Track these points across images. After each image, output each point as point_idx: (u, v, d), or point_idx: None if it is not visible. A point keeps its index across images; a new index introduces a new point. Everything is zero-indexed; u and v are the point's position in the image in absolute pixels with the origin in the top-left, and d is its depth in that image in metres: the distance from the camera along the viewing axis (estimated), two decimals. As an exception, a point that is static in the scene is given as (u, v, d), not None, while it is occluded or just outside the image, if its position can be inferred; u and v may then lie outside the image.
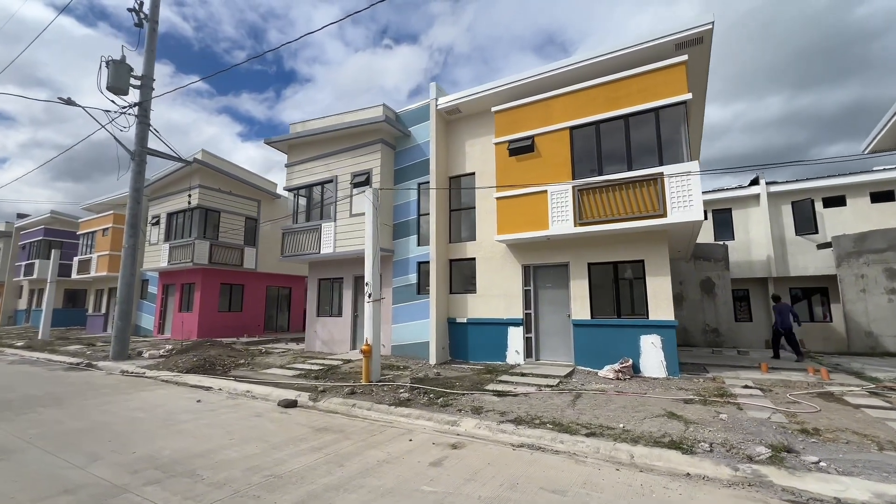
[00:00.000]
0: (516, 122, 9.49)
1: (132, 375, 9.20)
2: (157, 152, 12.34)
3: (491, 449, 4.52)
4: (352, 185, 11.86)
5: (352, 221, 11.66)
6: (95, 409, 6.12)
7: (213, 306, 16.74)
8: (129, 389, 7.63)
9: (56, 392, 7.34)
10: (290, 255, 12.77)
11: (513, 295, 9.74)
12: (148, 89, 12.11)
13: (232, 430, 5.14)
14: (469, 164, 10.88)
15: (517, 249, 9.80)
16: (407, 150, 11.93)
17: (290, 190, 13.28)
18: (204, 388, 7.78)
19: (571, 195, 8.52)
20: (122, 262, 11.46)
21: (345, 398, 6.54)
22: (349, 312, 12.27)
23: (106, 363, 10.48)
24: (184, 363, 9.45)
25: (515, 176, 9.31)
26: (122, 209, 20.18)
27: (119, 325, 11.14)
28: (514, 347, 9.56)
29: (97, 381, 8.56)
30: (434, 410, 5.79)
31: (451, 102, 10.62)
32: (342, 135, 12.18)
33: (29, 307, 26.34)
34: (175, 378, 8.59)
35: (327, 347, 12.47)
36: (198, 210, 16.15)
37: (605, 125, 8.54)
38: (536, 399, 6.36)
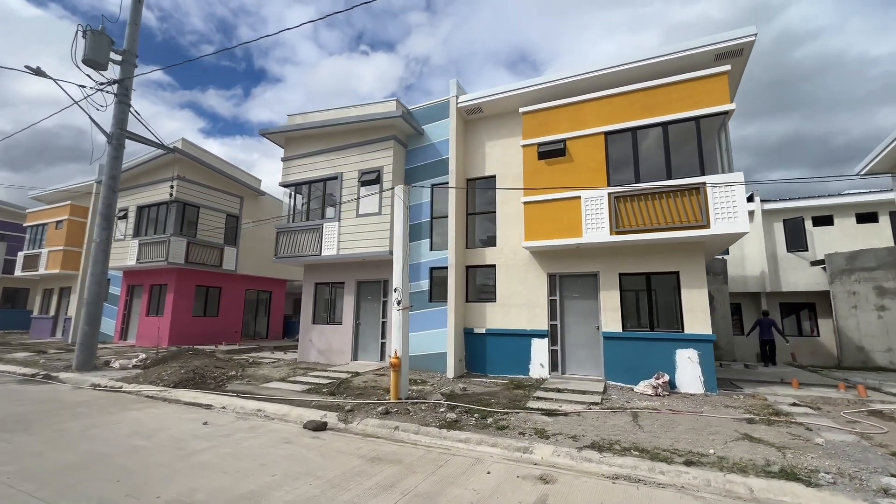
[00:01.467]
0: (546, 124, 9.11)
1: (107, 390, 7.92)
2: (136, 136, 11.01)
3: (588, 483, 3.95)
4: (359, 183, 11.05)
5: (358, 222, 10.84)
6: (80, 436, 5.02)
7: (188, 310, 15.21)
8: (112, 408, 6.46)
9: (19, 412, 6.07)
10: (286, 257, 11.72)
11: (537, 305, 9.26)
12: (130, 66, 10.81)
13: (267, 463, 4.27)
14: (489, 167, 10.38)
15: (542, 257, 9.36)
16: (419, 150, 11.29)
17: (287, 186, 12.26)
18: (203, 407, 6.73)
19: (607, 202, 8.19)
20: (92, 257, 10.03)
21: (381, 419, 5.77)
22: (350, 320, 11.37)
23: (70, 375, 9.03)
24: (169, 376, 8.26)
25: (545, 180, 8.90)
26: (81, 199, 18.23)
27: (86, 330, 9.69)
28: (538, 360, 9.07)
29: (66, 397, 7.26)
30: (490, 434, 5.15)
31: (473, 101, 10.12)
32: (350, 129, 11.37)
33: (-43, 307, 23.19)
34: (163, 394, 7.43)
35: (325, 358, 11.48)
36: (175, 204, 14.68)
37: (643, 132, 8.31)
38: (592, 419, 5.86)
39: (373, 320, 11.24)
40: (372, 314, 11.29)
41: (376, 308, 11.25)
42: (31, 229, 19.28)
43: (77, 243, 17.72)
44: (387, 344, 10.79)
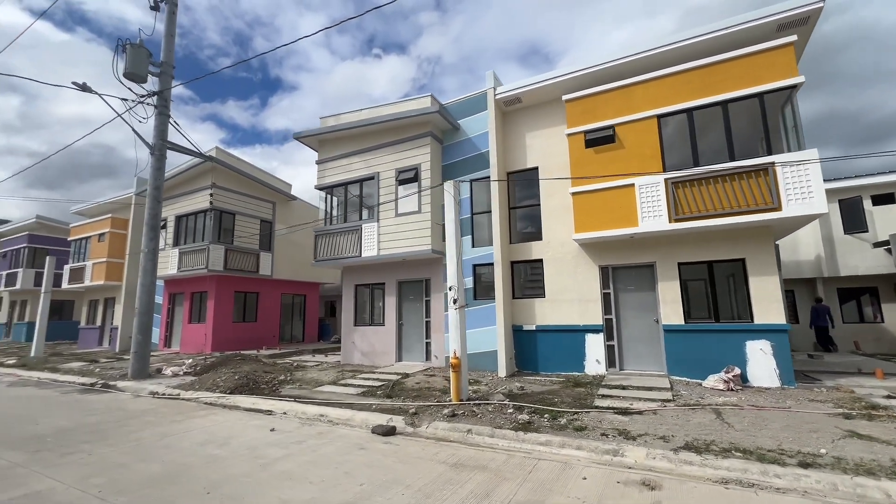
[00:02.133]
0: (592, 110, 8.74)
1: (166, 398, 8.00)
2: (177, 146, 11.16)
3: (698, 489, 3.66)
4: (397, 182, 10.91)
5: (398, 222, 10.70)
6: (156, 445, 5.00)
7: (228, 316, 15.43)
8: (177, 416, 6.48)
9: (90, 422, 6.15)
10: (326, 260, 11.70)
11: (589, 299, 8.93)
12: (168, 77, 10.96)
13: (350, 471, 4.13)
14: (531, 159, 10.07)
15: (593, 249, 9.01)
16: (455, 145, 11.08)
17: (323, 189, 12.23)
18: (264, 413, 6.69)
19: (664, 189, 7.79)
20: (141, 267, 10.20)
21: (449, 422, 5.58)
22: (393, 321, 11.25)
23: (127, 383, 9.20)
24: (224, 382, 8.29)
25: (594, 169, 8.54)
26: (120, 212, 18.74)
27: (139, 339, 9.86)
28: (593, 356, 8.74)
29: (129, 406, 7.35)
30: (570, 435, 4.89)
31: (511, 92, 9.82)
32: (384, 128, 11.24)
33: (9, 320, 24.27)
34: (221, 400, 7.45)
35: (368, 360, 11.41)
36: (212, 212, 14.89)
37: (700, 112, 7.86)
38: (672, 418, 5.53)
39: (416, 320, 11.10)
40: (414, 314, 11.15)
41: (419, 308, 11.10)
42: (75, 243, 19.95)
43: (119, 255, 18.23)
44: (431, 344, 10.65)
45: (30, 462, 4.43)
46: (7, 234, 24.59)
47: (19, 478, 4.00)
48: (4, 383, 10.12)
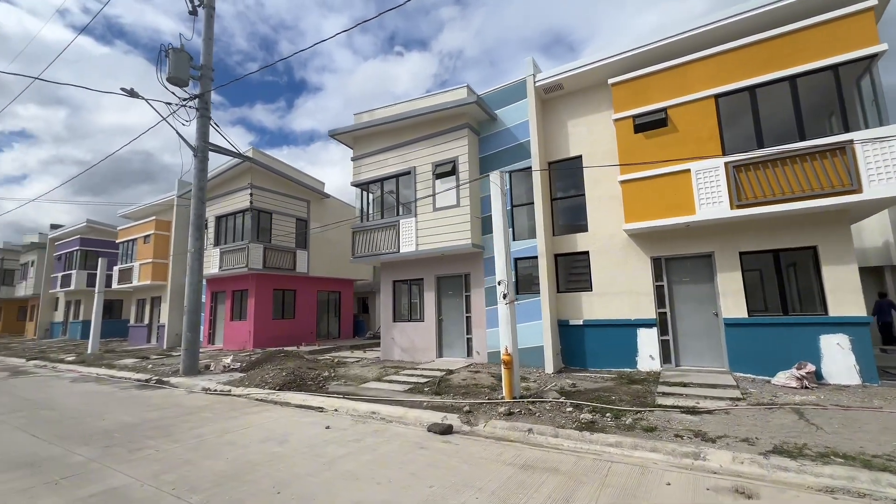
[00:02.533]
0: (641, 93, 8.29)
1: (218, 394, 8.16)
2: (218, 148, 11.37)
3: (801, 498, 3.33)
4: (434, 176, 10.74)
5: (436, 216, 10.54)
6: (218, 442, 5.05)
7: (268, 314, 15.76)
8: (232, 413, 6.57)
9: (151, 418, 6.30)
10: (363, 256, 11.69)
11: (641, 292, 8.52)
12: (207, 80, 11.16)
13: (416, 472, 4.00)
14: (574, 147, 9.69)
15: (644, 240, 8.58)
16: (492, 136, 10.81)
17: (359, 185, 12.22)
18: (315, 409, 6.69)
19: (724, 173, 7.28)
20: (189, 267, 10.47)
21: (507, 420, 5.39)
22: (432, 317, 11.14)
23: (179, 379, 9.47)
24: (272, 379, 8.39)
25: (644, 155, 8.10)
26: (163, 214, 19.43)
27: (189, 336, 10.14)
28: (646, 352, 8.34)
29: (185, 401, 7.53)
30: (640, 436, 4.60)
31: (552, 78, 9.45)
32: (420, 122, 11.08)
33: (66, 319, 25.74)
34: (271, 396, 7.52)
35: (408, 356, 11.36)
36: (250, 212, 15.20)
37: (765, 89, 7.29)
38: (748, 418, 5.14)
39: (456, 316, 10.95)
40: (454, 309, 11.00)
41: (458, 303, 10.94)
42: (122, 245, 20.87)
43: (163, 255, 18.93)
44: (473, 340, 10.47)
45: (102, 457, 4.54)
46: (61, 238, 26.04)
47: (95, 473, 4.08)
48: (68, 379, 10.63)
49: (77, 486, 3.77)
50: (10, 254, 31.64)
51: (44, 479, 3.95)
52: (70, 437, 5.34)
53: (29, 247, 29.09)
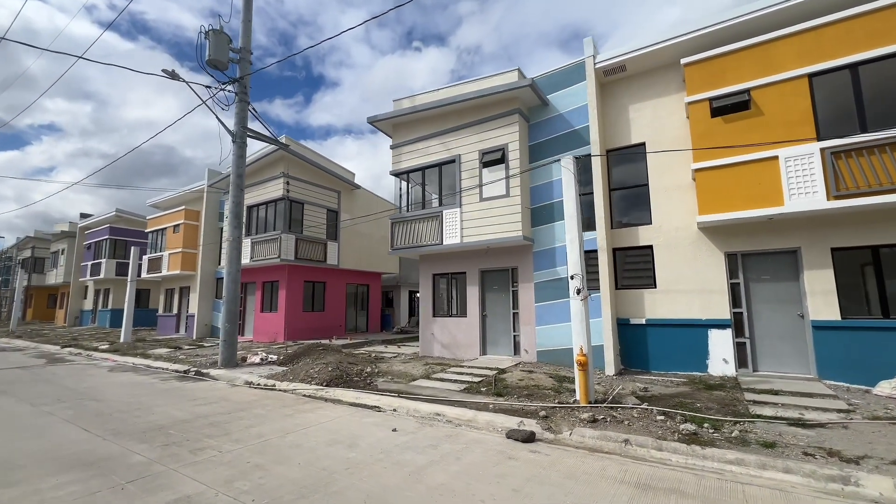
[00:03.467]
0: (720, 74, 7.60)
1: (263, 388, 7.82)
2: (256, 133, 11.03)
3: None
4: (481, 164, 10.21)
5: (483, 207, 10.02)
6: (281, 443, 4.64)
7: (298, 306, 15.49)
8: (285, 410, 6.19)
9: (203, 413, 5.96)
10: (403, 248, 11.25)
11: (712, 290, 7.87)
12: (246, 63, 10.79)
13: (519, 488, 3.52)
14: (636, 133, 9.04)
15: (717, 233, 7.92)
16: (543, 123, 10.21)
17: (398, 174, 11.76)
18: (371, 408, 6.27)
19: (820, 160, 6.59)
20: (227, 256, 10.18)
21: (595, 429, 4.86)
22: (476, 312, 10.65)
23: (218, 371, 9.19)
24: (318, 374, 8.02)
25: (722, 140, 7.43)
26: (193, 204, 19.33)
27: (227, 327, 9.85)
28: (719, 355, 7.71)
29: (231, 395, 7.20)
30: (762, 453, 4.03)
31: (614, 59, 8.81)
32: (466, 107, 10.54)
33: (95, 307, 26.04)
34: (320, 393, 7.13)
35: (449, 352, 10.90)
36: (283, 201, 14.90)
37: (869, 67, 6.55)
38: (877, 434, 4.52)
39: (502, 312, 10.44)
40: (500, 305, 10.49)
41: (504, 298, 10.42)
42: (152, 235, 20.89)
43: (193, 245, 18.84)
44: (520, 337, 9.95)
45: (164, 458, 4.17)
46: (90, 227, 26.30)
47: (162, 477, 3.70)
48: (105, 368, 10.47)
49: (148, 492, 3.38)
50: (41, 242, 32.22)
51: (108, 483, 3.58)
52: (124, 433, 5.00)
53: (59, 235, 29.52)
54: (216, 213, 18.66)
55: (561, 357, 9.20)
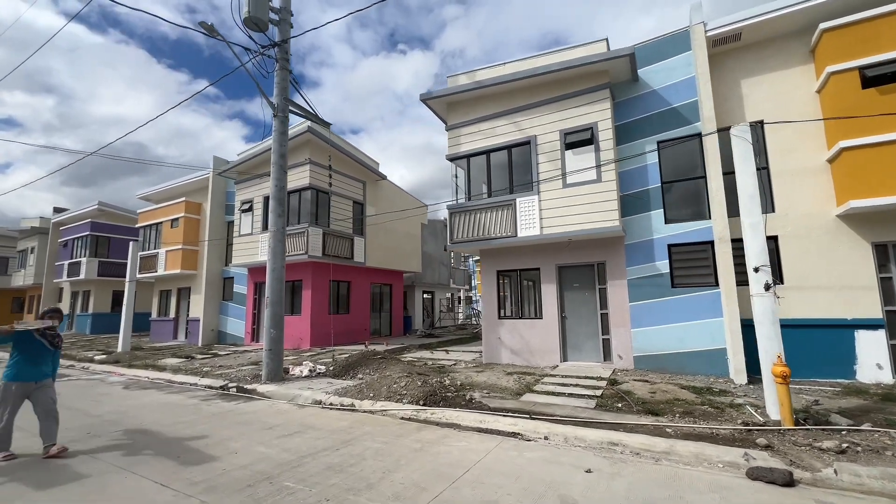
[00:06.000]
0: (872, 40, 6.67)
1: (339, 409, 6.36)
2: (299, 108, 9.50)
3: None
4: (563, 146, 9.03)
5: (566, 194, 8.85)
6: (463, 500, 3.30)
7: (324, 307, 13.92)
8: (402, 441, 4.81)
9: (302, 450, 4.51)
10: (465, 242, 9.94)
11: (857, 286, 6.94)
12: (286, 26, 9.27)
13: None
14: (750, 111, 8.06)
15: (863, 222, 6.99)
16: (632, 101, 9.16)
17: (456, 158, 10.45)
18: (508, 435, 4.96)
19: None
20: (270, 249, 8.62)
21: (859, 463, 3.73)
22: (553, 314, 9.45)
23: (267, 387, 7.64)
24: (406, 389, 6.63)
25: (875, 114, 6.50)
26: (194, 195, 17.42)
27: (273, 334, 8.29)
28: (870, 359, 6.77)
29: (313, 421, 5.73)
30: None
31: (729, 27, 7.81)
32: (543, 82, 9.35)
33: (72, 312, 23.41)
34: (423, 415, 5.75)
35: (521, 359, 9.65)
36: (309, 191, 13.31)
37: None
38: None
39: (585, 313, 9.28)
40: (583, 305, 9.33)
41: (589, 298, 9.27)
42: (144, 230, 18.74)
43: (194, 241, 16.90)
44: (611, 341, 8.81)
45: (324, 537, 2.76)
46: (67, 223, 23.66)
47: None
48: (117, 385, 8.72)
49: None
50: (5, 240, 29.05)
51: None
52: (222, 489, 3.54)
53: (28, 232, 26.58)
54: (223, 204, 16.80)
55: (665, 363, 8.12)
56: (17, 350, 4.41)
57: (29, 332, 4.43)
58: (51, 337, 4.59)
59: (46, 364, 4.55)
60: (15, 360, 4.38)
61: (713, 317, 7.82)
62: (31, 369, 4.41)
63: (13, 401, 4.31)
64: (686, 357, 7.95)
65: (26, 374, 4.38)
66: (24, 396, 4.39)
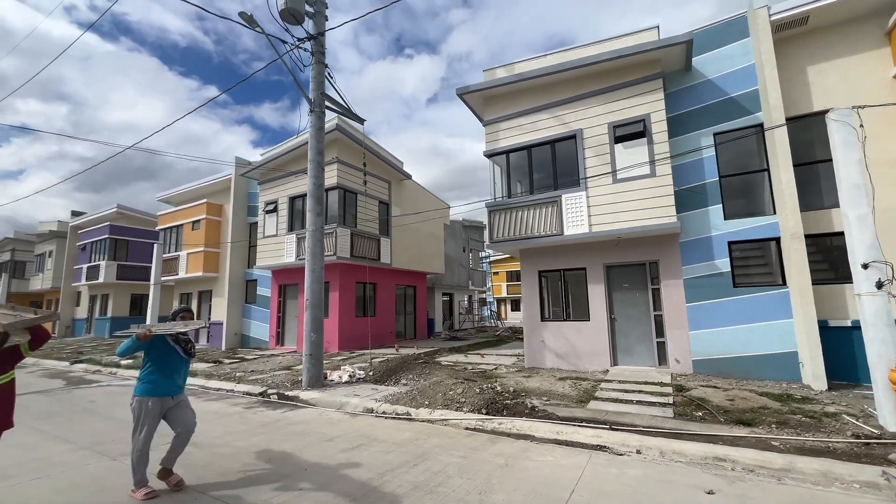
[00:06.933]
0: (962, 18, 6.20)
1: (394, 418, 5.97)
2: (336, 103, 9.18)
3: None
4: (612, 139, 8.61)
5: (616, 189, 8.42)
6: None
7: (351, 310, 13.57)
8: (479, 454, 4.41)
9: (374, 465, 4.13)
10: (505, 241, 9.53)
11: (948, 284, 6.43)
12: (322, 18, 8.98)
13: None
14: (818, 99, 7.60)
15: (952, 215, 6.50)
16: (683, 91, 8.74)
17: (494, 155, 10.06)
18: (592, 448, 4.54)
19: None
20: (309, 249, 8.27)
21: None
22: (602, 315, 9.00)
23: (309, 394, 7.28)
24: (464, 396, 6.24)
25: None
26: (215, 197, 17.19)
27: (313, 338, 7.93)
28: (965, 364, 6.25)
29: (372, 431, 5.34)
30: None
31: (796, 9, 7.36)
32: (588, 73, 8.95)
33: (90, 315, 23.30)
34: (490, 425, 5.35)
35: (566, 363, 9.21)
36: (336, 191, 12.99)
37: None
38: None
39: (637, 314, 8.83)
40: (633, 306, 8.88)
41: (641, 299, 8.82)
42: (164, 232, 18.54)
43: (215, 243, 16.66)
44: (667, 344, 8.35)
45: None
46: (85, 226, 23.59)
47: None
48: (151, 391, 8.39)
49: None
50: (23, 244, 29.11)
51: None
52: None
53: (46, 236, 26.57)
54: (245, 206, 16.55)
55: (727, 368, 7.65)
56: (150, 359, 3.67)
57: (164, 338, 3.72)
58: (184, 343, 3.89)
59: (180, 375, 3.83)
60: (148, 372, 3.64)
61: (780, 318, 7.35)
62: (168, 382, 3.68)
63: (149, 421, 3.54)
64: (751, 361, 7.48)
65: (163, 388, 3.64)
66: (161, 415, 3.66)
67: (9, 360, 3.08)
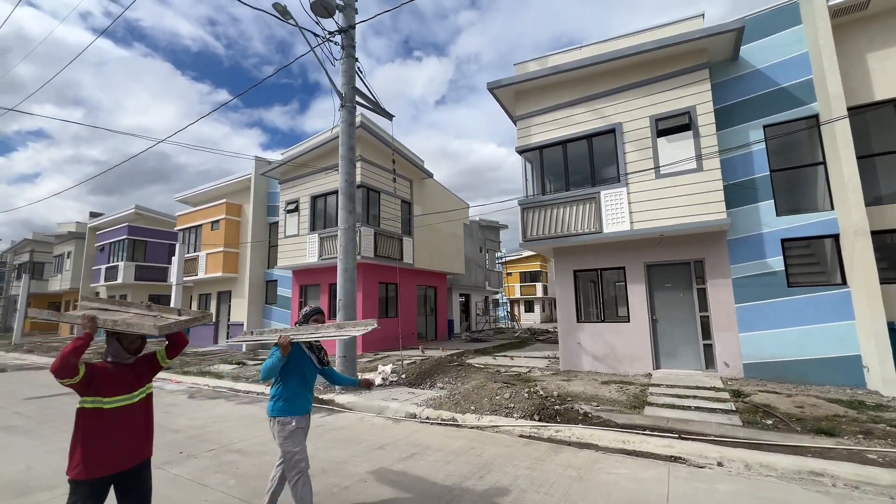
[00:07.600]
0: None
1: (440, 424, 5.70)
2: (366, 98, 8.94)
3: None
4: (655, 133, 8.27)
5: (659, 185, 8.08)
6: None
7: (374, 311, 13.33)
8: (547, 466, 4.10)
9: (438, 478, 3.85)
10: (539, 239, 9.22)
11: None
12: (352, 11, 8.74)
13: None
14: (880, 88, 7.19)
15: None
16: (730, 82, 8.37)
17: (527, 151, 9.76)
18: (667, 459, 4.21)
19: None
20: (341, 248, 8.05)
21: None
22: (643, 316, 8.65)
23: (347, 398, 7.01)
24: (513, 401, 5.93)
25: None
26: (235, 197, 17.08)
27: (347, 340, 7.69)
28: None
29: (421, 438, 5.06)
30: None
31: (856, -7, 6.97)
32: (629, 64, 8.62)
33: (108, 316, 23.34)
34: (546, 433, 5.04)
35: (605, 365, 8.86)
36: (360, 189, 12.76)
37: None
38: None
39: (681, 315, 8.45)
40: (678, 307, 8.51)
41: (685, 299, 8.45)
42: (183, 233, 18.50)
43: (235, 244, 16.55)
44: (714, 346, 7.97)
45: None
46: (104, 227, 23.69)
47: None
48: (179, 394, 8.21)
49: None
50: (41, 245, 29.39)
51: None
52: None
53: (65, 237, 26.78)
54: (265, 205, 16.42)
55: (782, 372, 7.25)
56: (286, 371, 2.94)
57: (299, 346, 3.03)
58: (317, 350, 3.20)
59: (312, 389, 3.16)
60: (284, 386, 2.93)
61: (840, 320, 6.95)
62: (307, 396, 3.04)
63: (302, 443, 2.91)
64: (808, 365, 7.07)
65: (302, 405, 2.98)
66: (306, 435, 3.01)
67: (146, 370, 2.41)
